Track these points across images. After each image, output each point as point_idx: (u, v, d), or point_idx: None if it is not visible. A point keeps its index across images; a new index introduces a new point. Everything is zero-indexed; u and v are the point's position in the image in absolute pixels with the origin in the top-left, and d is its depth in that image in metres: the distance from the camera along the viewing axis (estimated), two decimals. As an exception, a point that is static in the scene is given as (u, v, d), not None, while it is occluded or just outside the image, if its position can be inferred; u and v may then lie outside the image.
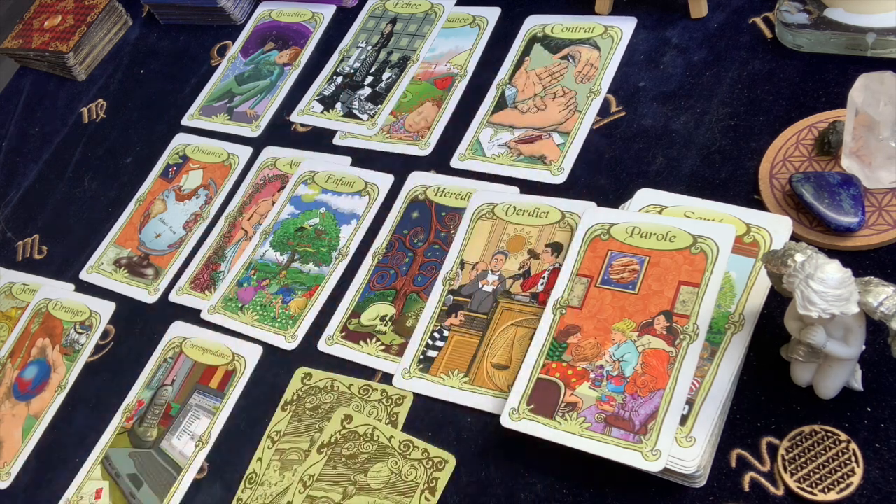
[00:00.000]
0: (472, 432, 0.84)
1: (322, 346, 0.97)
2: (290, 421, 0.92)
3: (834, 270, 0.62)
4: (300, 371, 0.96)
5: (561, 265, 0.88)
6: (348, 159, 1.13)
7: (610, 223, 0.87)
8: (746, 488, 0.71)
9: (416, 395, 0.89)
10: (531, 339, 0.83)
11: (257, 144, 1.22)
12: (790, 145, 0.87)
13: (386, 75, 1.18)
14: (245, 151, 1.22)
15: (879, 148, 0.78)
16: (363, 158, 1.12)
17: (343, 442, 0.87)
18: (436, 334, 0.91)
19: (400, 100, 1.15)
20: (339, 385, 0.92)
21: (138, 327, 1.11)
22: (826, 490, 0.68)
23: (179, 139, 1.29)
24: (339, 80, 1.21)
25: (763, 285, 0.78)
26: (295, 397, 0.94)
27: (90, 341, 1.12)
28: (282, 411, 0.94)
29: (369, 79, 1.19)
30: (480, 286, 0.93)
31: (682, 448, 0.71)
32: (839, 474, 0.69)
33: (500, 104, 1.07)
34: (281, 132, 1.21)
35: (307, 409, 0.92)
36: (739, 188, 0.87)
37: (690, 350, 0.76)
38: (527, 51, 1.11)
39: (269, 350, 1.00)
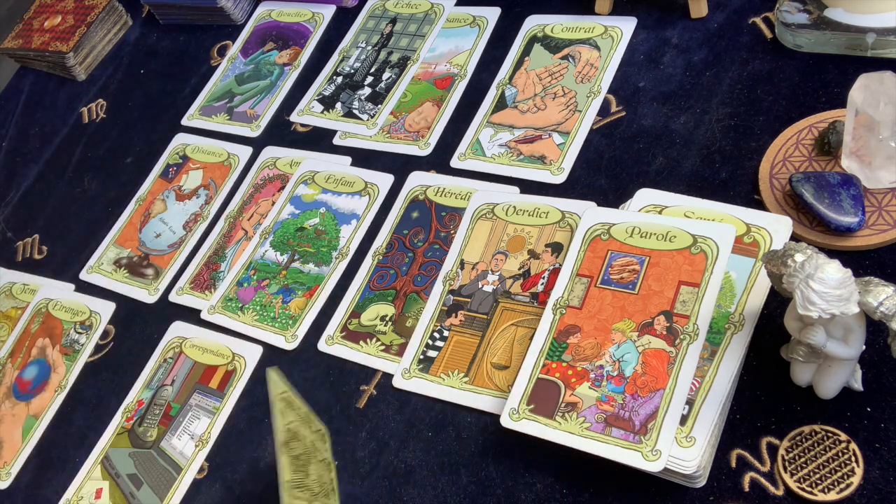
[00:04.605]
0: (472, 432, 0.84)
1: (322, 346, 0.97)
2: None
3: (834, 270, 0.62)
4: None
5: (561, 265, 0.88)
6: (348, 159, 1.13)
7: (610, 223, 0.87)
8: (746, 488, 0.71)
9: (416, 395, 0.89)
10: (531, 339, 0.83)
11: (257, 144, 1.22)
12: (790, 145, 0.87)
13: (386, 75, 1.18)
14: (245, 151, 1.22)
15: (879, 148, 0.78)
16: (363, 158, 1.12)
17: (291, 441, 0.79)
18: (436, 334, 0.91)
19: (400, 100, 1.15)
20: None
21: (138, 327, 1.10)
22: (826, 490, 0.68)
23: (179, 139, 1.29)
24: (339, 80, 1.21)
25: (763, 285, 0.78)
26: (295, 397, 0.94)
27: (90, 341, 1.12)
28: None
29: (369, 79, 1.19)
30: (480, 286, 0.92)
31: (682, 448, 0.71)
32: (839, 474, 0.68)
33: (500, 104, 1.07)
34: (281, 132, 1.21)
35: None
36: (739, 188, 0.87)
37: (690, 350, 0.76)
38: (527, 51, 1.11)
39: (269, 350, 1.00)
